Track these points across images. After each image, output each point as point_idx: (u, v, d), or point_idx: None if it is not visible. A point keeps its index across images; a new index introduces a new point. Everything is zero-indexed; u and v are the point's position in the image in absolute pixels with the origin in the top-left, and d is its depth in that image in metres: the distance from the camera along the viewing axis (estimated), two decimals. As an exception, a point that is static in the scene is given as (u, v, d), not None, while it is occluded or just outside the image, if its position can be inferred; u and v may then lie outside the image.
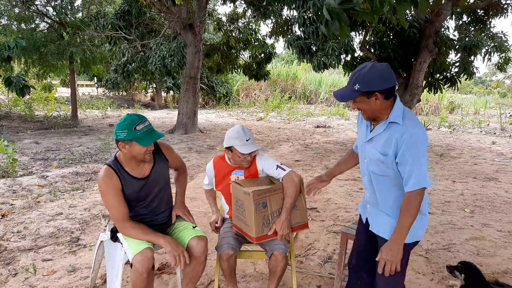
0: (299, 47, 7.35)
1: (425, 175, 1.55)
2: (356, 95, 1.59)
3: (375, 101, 1.58)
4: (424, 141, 1.57)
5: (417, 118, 1.67)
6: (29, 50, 10.46)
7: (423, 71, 7.37)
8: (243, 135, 2.18)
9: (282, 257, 2.09)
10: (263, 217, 2.04)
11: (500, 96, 29.42)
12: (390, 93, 1.60)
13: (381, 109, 1.61)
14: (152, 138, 1.94)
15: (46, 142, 8.16)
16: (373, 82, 1.55)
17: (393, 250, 1.59)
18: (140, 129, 1.91)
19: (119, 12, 10.16)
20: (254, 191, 1.99)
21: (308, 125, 13.32)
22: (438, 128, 13.71)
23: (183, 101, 10.41)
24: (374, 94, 1.57)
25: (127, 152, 1.95)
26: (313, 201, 4.46)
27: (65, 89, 21.31)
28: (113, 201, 1.95)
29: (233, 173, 2.28)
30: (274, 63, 21.19)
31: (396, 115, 1.60)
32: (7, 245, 3.06)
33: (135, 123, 1.91)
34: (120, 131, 1.91)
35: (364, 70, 1.57)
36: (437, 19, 7.04)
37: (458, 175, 6.03)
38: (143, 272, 1.83)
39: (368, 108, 1.62)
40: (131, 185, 2.01)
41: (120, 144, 1.93)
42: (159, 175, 2.12)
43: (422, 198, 1.56)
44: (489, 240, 3.37)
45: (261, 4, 9.84)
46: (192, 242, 2.04)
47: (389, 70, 1.59)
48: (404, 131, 1.56)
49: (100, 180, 1.97)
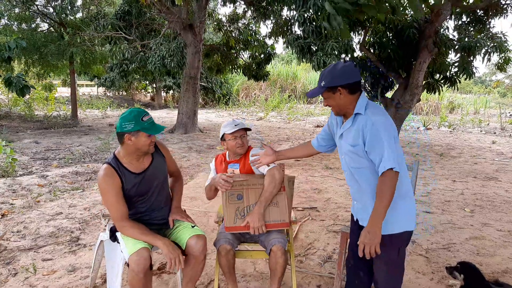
0: (299, 46, 7.34)
1: (392, 158, 1.58)
2: (322, 90, 1.72)
3: (339, 96, 1.70)
4: (388, 126, 1.63)
5: (381, 108, 1.76)
6: (29, 50, 10.47)
7: (423, 71, 7.37)
8: (232, 122, 2.32)
9: (282, 253, 2.07)
10: (237, 208, 2.07)
11: (500, 96, 29.42)
12: (355, 88, 1.71)
13: (347, 104, 1.72)
14: (158, 128, 1.99)
15: (46, 141, 8.16)
16: (336, 78, 1.68)
17: (370, 233, 1.62)
18: (146, 120, 1.96)
19: (119, 12, 10.17)
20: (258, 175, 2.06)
21: (308, 124, 13.32)
22: (438, 127, 13.71)
23: (183, 101, 10.42)
24: (337, 89, 1.69)
25: (132, 145, 1.96)
26: (313, 201, 4.46)
27: (65, 89, 21.31)
28: (113, 200, 1.95)
29: (229, 167, 2.34)
30: (274, 63, 21.18)
31: (359, 107, 1.71)
32: (7, 245, 3.06)
33: (141, 114, 1.95)
34: (127, 123, 1.93)
35: (329, 68, 1.73)
36: (437, 19, 7.03)
37: (458, 175, 6.03)
38: (139, 272, 1.83)
39: (335, 104, 1.74)
40: (131, 180, 2.02)
41: (126, 136, 1.95)
42: (157, 169, 2.14)
43: (394, 181, 1.59)
44: (489, 240, 3.37)
45: (260, 4, 9.84)
46: (191, 241, 2.04)
47: (352, 67, 1.72)
48: (366, 120, 1.66)
49: (100, 179, 1.97)
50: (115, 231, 2.08)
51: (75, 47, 10.58)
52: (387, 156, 1.59)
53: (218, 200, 2.45)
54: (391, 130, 1.64)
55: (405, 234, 1.73)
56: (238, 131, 2.28)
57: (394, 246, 1.70)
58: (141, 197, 2.08)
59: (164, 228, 2.20)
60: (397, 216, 1.68)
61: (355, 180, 1.79)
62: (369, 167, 1.70)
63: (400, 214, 1.69)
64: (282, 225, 2.13)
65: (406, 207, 1.72)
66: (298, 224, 3.65)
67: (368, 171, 1.71)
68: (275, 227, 2.13)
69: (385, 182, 1.60)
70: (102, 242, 2.29)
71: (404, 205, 1.71)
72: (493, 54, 7.26)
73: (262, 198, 2.12)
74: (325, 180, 5.46)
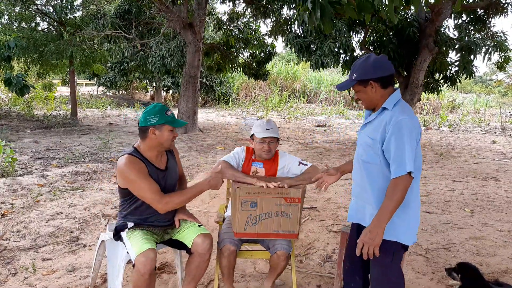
0: (298, 45, 7.34)
1: (407, 162, 1.52)
2: (353, 83, 1.68)
3: (371, 90, 1.66)
4: (412, 128, 1.56)
5: (410, 108, 1.68)
6: (29, 49, 10.44)
7: (423, 70, 7.37)
8: (265, 125, 2.31)
9: (285, 257, 2.11)
10: (248, 215, 2.02)
11: (500, 95, 29.41)
12: (387, 82, 1.66)
13: (378, 98, 1.68)
14: (180, 122, 2.05)
15: (45, 141, 8.15)
16: (368, 71, 1.63)
17: (371, 232, 1.56)
18: (169, 114, 2.01)
19: (118, 11, 10.16)
20: (242, 188, 1.98)
21: (308, 124, 13.32)
22: (439, 127, 13.70)
23: (182, 100, 10.41)
24: (369, 83, 1.65)
25: (155, 139, 1.98)
26: (313, 201, 4.46)
27: (65, 88, 21.30)
28: (145, 183, 1.92)
29: (253, 164, 2.34)
30: (274, 62, 21.16)
31: (388, 102, 1.66)
32: (6, 245, 3.05)
33: (165, 108, 2.00)
34: (152, 116, 1.96)
35: (360, 60, 1.68)
36: (437, 18, 7.03)
37: (458, 175, 6.03)
38: (145, 273, 1.83)
39: (366, 97, 1.70)
40: (154, 173, 2.02)
41: (150, 130, 1.96)
42: (173, 170, 2.17)
43: (407, 185, 1.53)
44: (489, 240, 3.37)
45: (260, 3, 9.83)
46: (197, 239, 2.05)
47: (384, 60, 1.66)
48: (392, 116, 1.60)
49: (124, 168, 1.92)
50: (120, 230, 2.06)
51: (75, 46, 10.57)
52: (407, 159, 1.52)
53: (218, 200, 2.45)
54: (415, 133, 1.57)
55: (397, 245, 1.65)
56: (268, 137, 2.27)
57: (388, 251, 1.64)
58: None
59: (169, 228, 2.20)
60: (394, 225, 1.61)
61: (361, 174, 1.75)
62: (378, 165, 1.65)
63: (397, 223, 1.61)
64: (291, 236, 2.09)
65: (408, 218, 1.65)
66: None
67: (376, 168, 1.66)
68: (283, 237, 2.09)
69: (398, 185, 1.53)
70: (103, 242, 2.28)
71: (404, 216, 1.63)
72: (494, 53, 7.26)
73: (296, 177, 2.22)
74: (325, 180, 5.45)
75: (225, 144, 8.56)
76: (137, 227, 2.06)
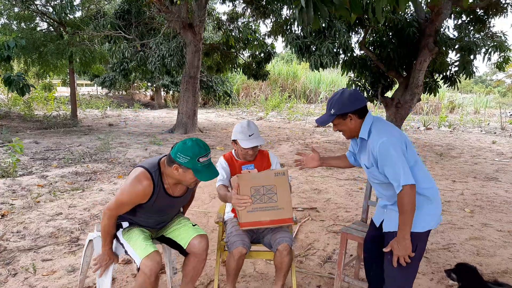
0: (297, 46, 7.34)
1: (403, 175, 1.66)
2: (333, 118, 1.84)
3: (350, 121, 1.83)
4: (395, 144, 1.70)
5: (385, 125, 1.81)
6: (28, 50, 10.45)
7: (423, 71, 7.36)
8: (247, 130, 2.28)
9: (287, 252, 2.09)
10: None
11: (500, 96, 29.41)
12: (363, 112, 1.83)
13: (357, 128, 1.85)
14: (211, 175, 1.87)
15: (45, 141, 8.15)
16: (345, 105, 1.80)
17: (400, 245, 1.72)
18: (202, 162, 1.84)
19: (118, 11, 10.16)
20: (286, 170, 2.10)
21: (308, 124, 13.31)
22: (438, 127, 13.71)
23: (182, 101, 10.40)
24: (348, 116, 1.82)
25: (177, 175, 1.88)
26: (313, 201, 4.46)
27: (65, 88, 21.28)
28: (125, 199, 1.89)
29: (243, 168, 2.34)
30: (274, 62, 21.17)
31: (363, 132, 1.83)
32: (6, 245, 3.05)
33: (201, 154, 1.83)
34: (183, 156, 1.82)
35: (336, 96, 1.83)
36: (437, 18, 7.03)
37: (458, 175, 6.03)
38: (151, 276, 1.84)
39: (346, 129, 1.87)
40: (160, 200, 1.95)
41: (174, 166, 1.85)
42: (185, 199, 2.13)
43: (413, 195, 1.67)
44: (489, 240, 3.37)
45: (260, 3, 9.83)
46: (194, 240, 2.05)
47: (358, 93, 1.84)
48: (373, 144, 1.76)
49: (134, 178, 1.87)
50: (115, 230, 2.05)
51: (75, 46, 10.57)
52: (402, 173, 1.66)
53: (218, 201, 2.45)
54: (399, 146, 1.71)
55: (428, 232, 1.79)
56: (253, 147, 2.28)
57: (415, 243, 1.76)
58: (156, 213, 2.04)
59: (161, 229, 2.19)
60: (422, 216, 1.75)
61: (379, 190, 1.92)
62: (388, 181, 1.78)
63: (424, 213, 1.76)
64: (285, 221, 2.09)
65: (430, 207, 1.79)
66: (298, 225, 3.65)
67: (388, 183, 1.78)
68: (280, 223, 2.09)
69: (404, 198, 1.67)
70: (91, 241, 2.21)
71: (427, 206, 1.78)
72: (493, 53, 7.25)
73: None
74: (325, 181, 5.46)
75: (225, 144, 8.55)
76: (132, 226, 2.06)
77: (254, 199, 2.04)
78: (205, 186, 4.89)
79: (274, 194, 2.05)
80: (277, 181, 2.05)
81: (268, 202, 2.05)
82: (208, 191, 4.68)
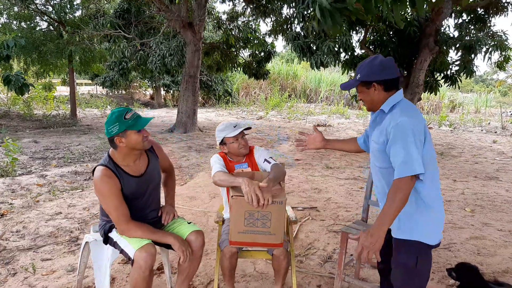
0: (299, 46, 7.32)
1: (410, 163, 1.46)
2: (356, 84, 1.66)
3: (374, 92, 1.64)
4: (415, 128, 1.51)
5: (413, 108, 1.63)
6: (28, 49, 10.43)
7: (424, 70, 7.35)
8: (229, 124, 2.29)
9: (284, 256, 2.08)
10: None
11: (501, 95, 29.40)
12: (391, 85, 1.63)
13: (380, 100, 1.65)
14: (143, 122, 1.92)
15: (45, 141, 8.14)
16: (372, 73, 1.61)
17: (373, 236, 1.47)
18: (129, 117, 1.89)
19: (118, 11, 10.14)
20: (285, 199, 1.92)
21: (308, 124, 13.30)
22: (439, 126, 13.69)
23: (182, 100, 10.39)
24: (372, 85, 1.63)
25: (124, 146, 1.91)
26: (313, 201, 4.45)
27: (65, 88, 21.26)
28: (115, 202, 1.87)
29: (236, 167, 2.31)
30: (274, 61, 21.14)
31: (386, 105, 1.63)
32: (6, 245, 3.04)
33: (123, 113, 1.89)
34: (112, 126, 1.88)
35: (367, 60, 1.65)
36: (437, 17, 7.01)
37: (458, 174, 6.02)
38: (146, 269, 1.80)
39: (368, 99, 1.67)
40: (129, 183, 1.96)
41: (116, 139, 1.89)
42: (154, 171, 2.10)
43: (409, 187, 1.48)
44: (490, 240, 3.36)
45: (260, 2, 9.81)
46: (190, 237, 2.05)
47: (390, 63, 1.62)
48: (391, 119, 1.57)
49: (98, 181, 1.88)
50: (108, 232, 2.03)
51: (74, 45, 10.56)
52: (404, 161, 1.47)
53: (218, 200, 2.45)
54: (418, 133, 1.51)
55: (422, 245, 1.60)
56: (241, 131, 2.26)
57: (411, 253, 1.60)
58: (136, 199, 2.02)
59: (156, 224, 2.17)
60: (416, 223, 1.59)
61: (379, 180, 1.71)
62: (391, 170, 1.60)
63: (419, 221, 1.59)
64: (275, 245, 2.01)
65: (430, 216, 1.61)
66: (298, 224, 3.64)
67: (391, 172, 1.60)
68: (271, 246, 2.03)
69: (399, 187, 1.47)
70: (87, 243, 2.22)
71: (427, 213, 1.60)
72: (494, 52, 7.24)
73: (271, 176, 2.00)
74: (325, 180, 5.45)
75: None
76: None
77: (247, 222, 1.97)
78: (205, 186, 4.88)
79: (268, 220, 1.96)
80: (273, 208, 1.92)
81: (260, 227, 1.97)
82: (208, 190, 4.67)
